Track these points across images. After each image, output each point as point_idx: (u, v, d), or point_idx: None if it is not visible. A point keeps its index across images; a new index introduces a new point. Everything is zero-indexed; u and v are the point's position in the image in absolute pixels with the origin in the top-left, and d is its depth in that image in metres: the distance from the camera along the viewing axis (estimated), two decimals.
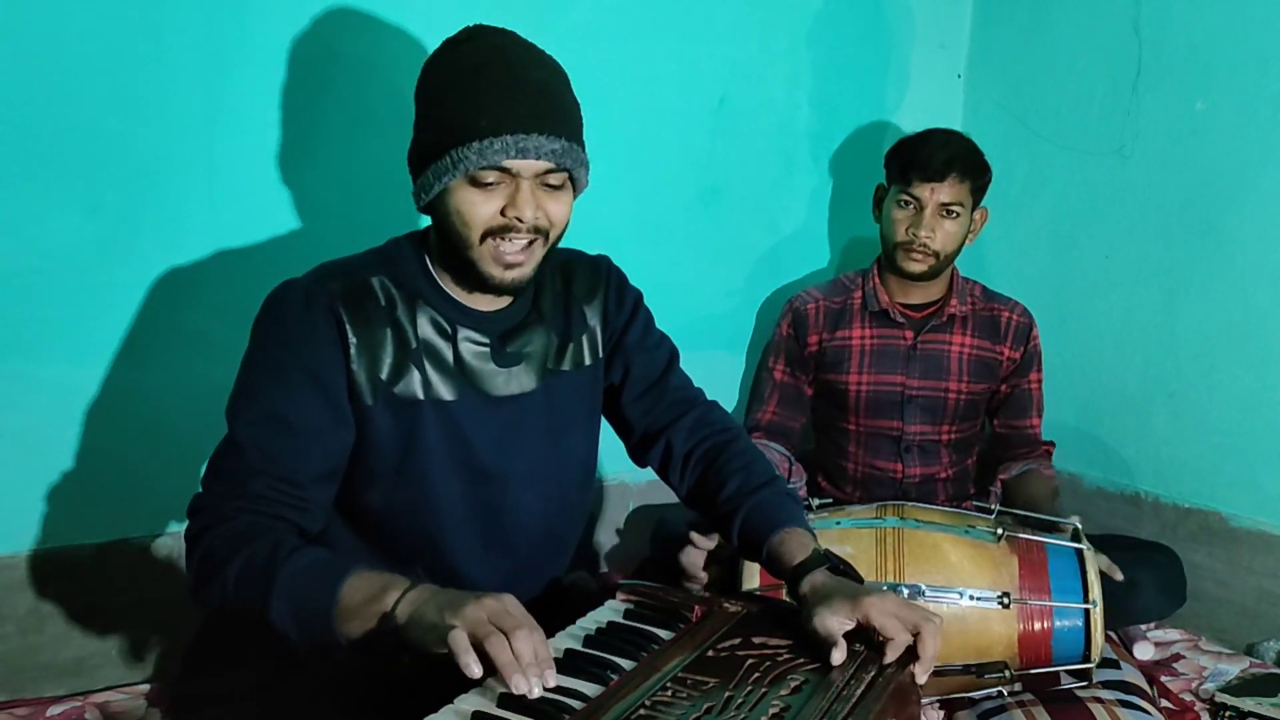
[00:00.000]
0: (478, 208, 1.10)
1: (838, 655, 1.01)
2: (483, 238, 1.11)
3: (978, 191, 1.91)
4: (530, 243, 1.13)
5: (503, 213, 1.10)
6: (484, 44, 1.12)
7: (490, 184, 1.09)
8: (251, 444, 1.07)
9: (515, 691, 0.86)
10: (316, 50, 1.63)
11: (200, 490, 1.09)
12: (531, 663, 0.87)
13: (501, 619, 0.89)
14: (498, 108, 1.07)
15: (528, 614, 0.92)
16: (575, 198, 1.19)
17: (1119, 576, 1.65)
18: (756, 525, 1.21)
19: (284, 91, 1.62)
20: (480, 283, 1.15)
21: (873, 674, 1.01)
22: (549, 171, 1.11)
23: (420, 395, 1.16)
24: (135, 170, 1.54)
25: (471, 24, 1.17)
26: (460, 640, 0.86)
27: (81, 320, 1.54)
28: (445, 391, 1.17)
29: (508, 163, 1.08)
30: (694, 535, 1.50)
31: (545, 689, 0.88)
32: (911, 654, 1.05)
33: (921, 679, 1.04)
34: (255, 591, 0.97)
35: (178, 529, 1.61)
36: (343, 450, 1.13)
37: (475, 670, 0.85)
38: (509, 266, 1.13)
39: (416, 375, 1.16)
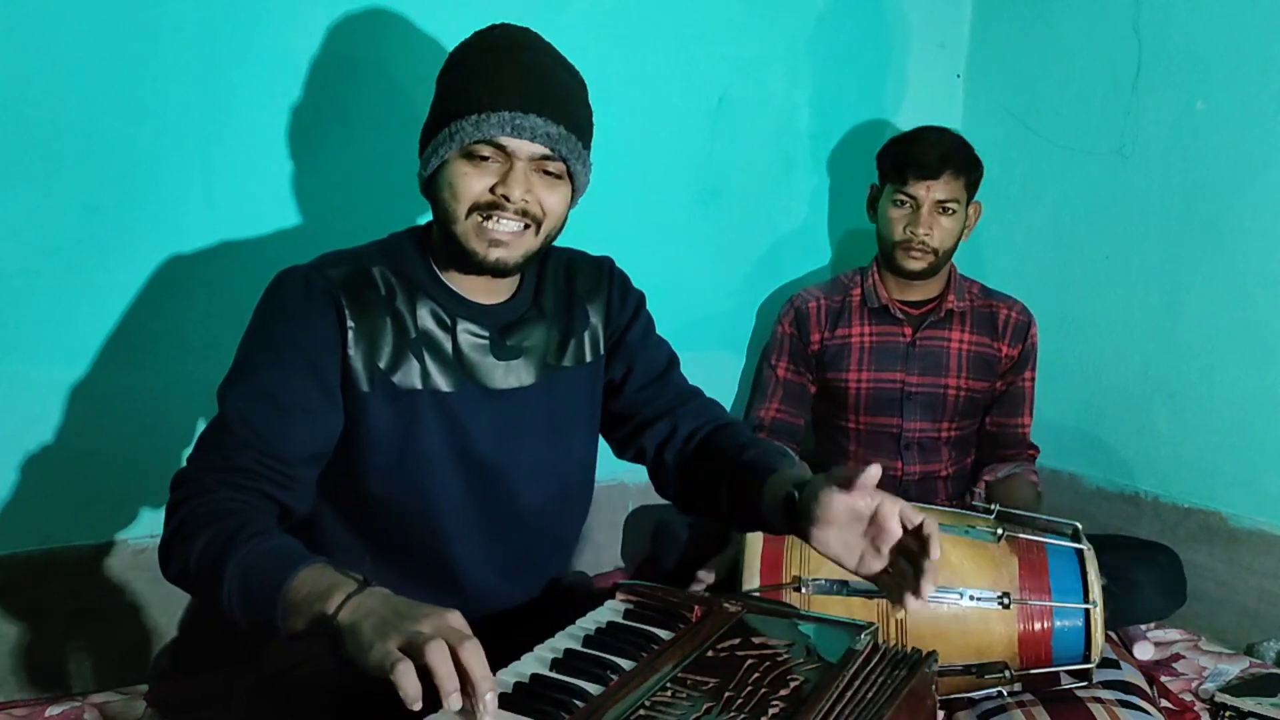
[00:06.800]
0: (469, 181, 1.11)
1: (874, 470, 0.99)
2: (469, 212, 1.11)
3: (971, 186, 1.92)
4: (522, 228, 1.13)
5: (492, 190, 1.11)
6: (503, 33, 1.15)
7: (485, 159, 1.10)
8: (240, 419, 1.06)
9: (451, 710, 0.79)
10: (315, 50, 1.63)
11: (184, 465, 1.07)
12: (485, 676, 0.81)
13: (446, 634, 0.82)
14: (499, 84, 1.09)
15: (471, 634, 0.84)
16: (575, 197, 1.19)
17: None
18: (754, 467, 1.17)
19: (282, 91, 1.62)
20: (465, 260, 1.14)
21: (882, 679, 1.00)
22: (546, 158, 1.12)
23: (419, 385, 1.16)
24: (132, 170, 1.54)
25: (472, 24, 1.18)
26: (406, 675, 0.78)
27: (78, 321, 1.54)
28: (443, 383, 1.17)
29: (503, 140, 1.09)
30: (700, 573, 1.63)
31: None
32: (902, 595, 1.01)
33: (927, 591, 0.98)
34: (212, 569, 0.94)
35: None
36: (329, 436, 1.12)
37: (416, 705, 0.78)
38: (494, 244, 1.12)
39: (415, 365, 1.15)
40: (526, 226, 1.13)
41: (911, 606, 1.01)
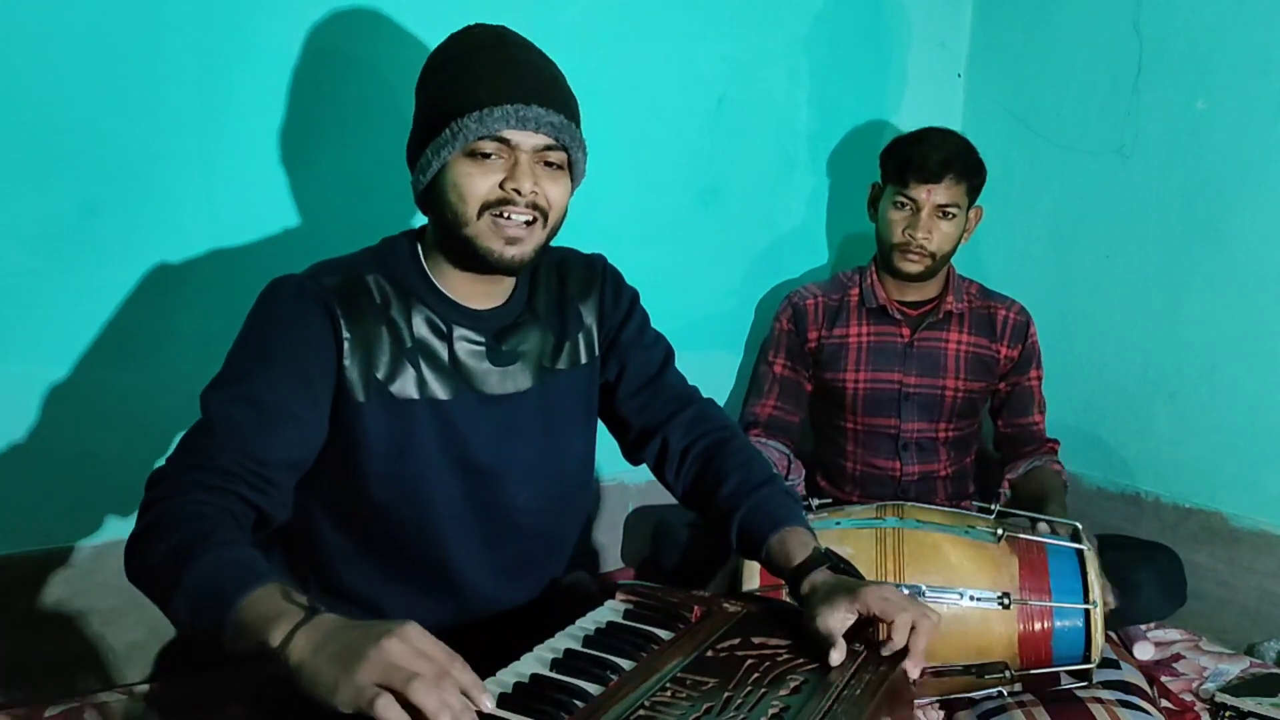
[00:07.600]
0: (475, 180, 1.10)
1: (836, 655, 1.01)
2: (480, 212, 1.11)
3: (973, 191, 1.91)
4: (530, 222, 1.13)
5: (501, 186, 1.10)
6: (482, 32, 1.15)
7: (489, 156, 1.10)
8: (223, 421, 1.04)
9: None
10: (314, 49, 1.63)
11: (163, 463, 1.05)
12: (475, 683, 0.81)
13: (413, 662, 0.80)
14: (496, 80, 1.09)
15: (436, 641, 0.83)
16: (574, 187, 1.19)
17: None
18: (756, 524, 1.21)
19: (281, 91, 1.62)
20: (478, 261, 1.14)
21: (868, 676, 1.00)
22: (548, 148, 1.12)
23: (415, 394, 1.15)
24: (131, 170, 1.53)
25: (468, 22, 1.18)
26: (389, 709, 0.77)
27: (77, 321, 1.54)
28: (440, 390, 1.17)
29: (507, 133, 1.09)
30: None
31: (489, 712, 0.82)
32: (904, 651, 1.04)
33: (914, 673, 1.02)
34: (171, 574, 0.91)
35: None
36: (312, 446, 1.11)
37: None
38: (509, 241, 1.12)
39: (412, 374, 1.15)
40: (534, 220, 1.13)
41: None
